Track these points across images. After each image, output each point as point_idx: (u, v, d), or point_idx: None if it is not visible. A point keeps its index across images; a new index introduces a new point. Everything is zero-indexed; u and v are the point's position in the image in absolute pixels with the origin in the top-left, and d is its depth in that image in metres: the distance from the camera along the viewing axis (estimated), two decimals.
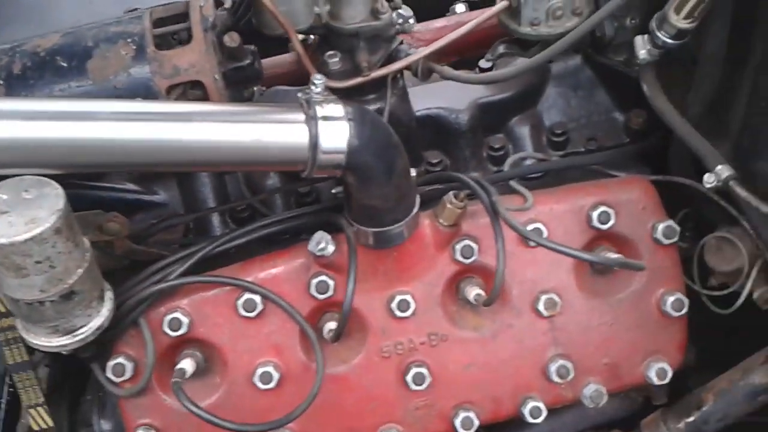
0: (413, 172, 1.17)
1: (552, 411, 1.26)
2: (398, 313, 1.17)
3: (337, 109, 0.99)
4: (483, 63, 1.43)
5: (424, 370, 1.19)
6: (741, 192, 1.06)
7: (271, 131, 0.94)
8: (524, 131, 1.39)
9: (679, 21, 1.03)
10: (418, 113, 1.32)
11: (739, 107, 1.14)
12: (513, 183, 1.24)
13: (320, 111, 0.97)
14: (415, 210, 1.13)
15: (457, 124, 1.34)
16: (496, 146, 1.36)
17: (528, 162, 1.37)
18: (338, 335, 1.12)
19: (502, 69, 1.31)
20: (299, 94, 1.00)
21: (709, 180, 1.08)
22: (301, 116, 0.97)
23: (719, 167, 1.08)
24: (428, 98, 1.35)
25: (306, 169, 0.98)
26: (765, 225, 1.11)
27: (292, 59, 1.41)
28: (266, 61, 1.34)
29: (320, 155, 0.97)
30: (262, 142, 0.93)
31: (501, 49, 1.36)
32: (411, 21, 1.42)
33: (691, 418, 1.30)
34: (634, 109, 1.38)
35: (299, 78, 1.23)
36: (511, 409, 1.25)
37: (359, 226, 1.11)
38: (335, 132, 0.97)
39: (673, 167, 1.30)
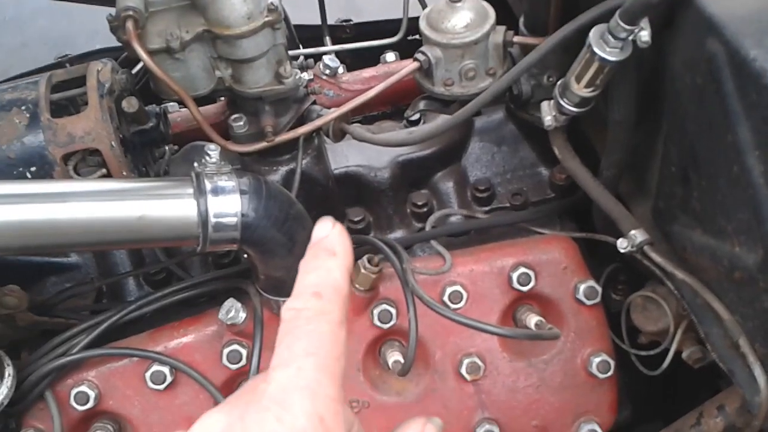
0: None
1: None
2: None
3: (229, 181, 0.90)
4: (409, 114, 1.35)
5: None
6: (655, 257, 0.99)
7: (157, 207, 0.86)
8: (448, 187, 1.31)
9: (581, 90, 0.96)
10: (336, 171, 1.25)
11: (654, 170, 1.07)
12: (434, 243, 1.15)
13: (210, 184, 0.89)
14: None
15: (377, 182, 1.26)
16: (420, 203, 1.28)
17: (453, 219, 1.28)
18: None
19: (414, 129, 1.23)
20: (195, 164, 0.91)
21: (622, 245, 1.01)
22: (190, 190, 0.88)
23: (633, 232, 1.01)
24: (348, 156, 1.27)
25: (199, 245, 0.89)
26: (685, 288, 1.03)
27: (218, 110, 1.32)
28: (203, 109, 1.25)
29: (211, 231, 0.88)
30: (147, 219, 0.84)
31: (421, 105, 1.29)
32: (333, 72, 1.35)
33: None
34: (558, 165, 1.30)
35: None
36: None
37: (269, 296, 1.02)
38: (226, 206, 0.89)
39: (597, 223, 1.22)
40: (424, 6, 1.62)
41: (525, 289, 1.12)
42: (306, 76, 1.06)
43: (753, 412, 0.92)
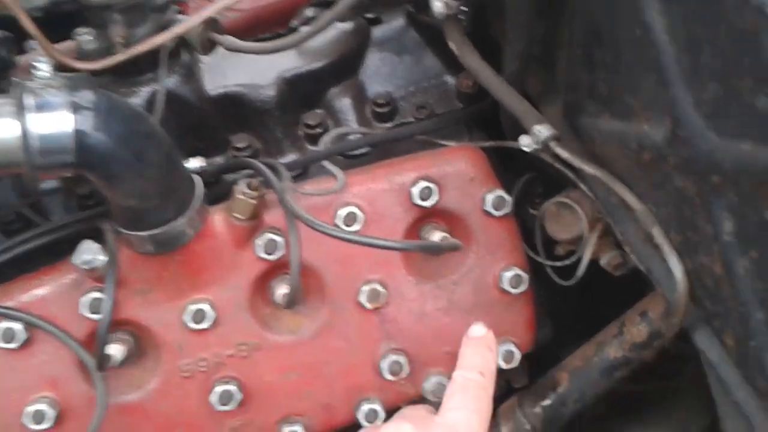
0: (200, 162, 0.95)
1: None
2: (193, 325, 0.95)
3: (58, 96, 0.75)
4: (295, 23, 1.20)
5: (231, 387, 0.97)
6: (562, 153, 0.88)
7: None
8: (344, 104, 1.18)
9: None
10: (213, 92, 1.10)
11: (561, 62, 0.97)
12: (325, 163, 1.02)
13: (34, 100, 0.74)
14: (196, 204, 0.90)
15: (262, 101, 1.12)
16: (313, 123, 1.14)
17: (351, 138, 1.15)
18: (102, 362, 0.88)
19: (293, 34, 1.08)
20: (13, 78, 0.76)
21: (525, 142, 0.89)
22: (10, 108, 0.73)
23: (537, 127, 0.89)
24: (227, 74, 1.12)
25: (25, 173, 0.74)
26: (597, 185, 0.93)
27: None
28: None
29: (37, 155, 0.73)
30: None
31: (309, 12, 1.14)
32: None
33: (548, 401, 1.12)
34: (463, 71, 1.17)
35: None
36: (346, 414, 1.05)
37: (128, 232, 0.88)
38: (55, 124, 0.75)
39: (505, 128, 1.11)
40: None
41: (428, 204, 1.00)
42: None
43: (671, 308, 0.83)
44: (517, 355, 1.07)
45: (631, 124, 0.78)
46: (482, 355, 0.80)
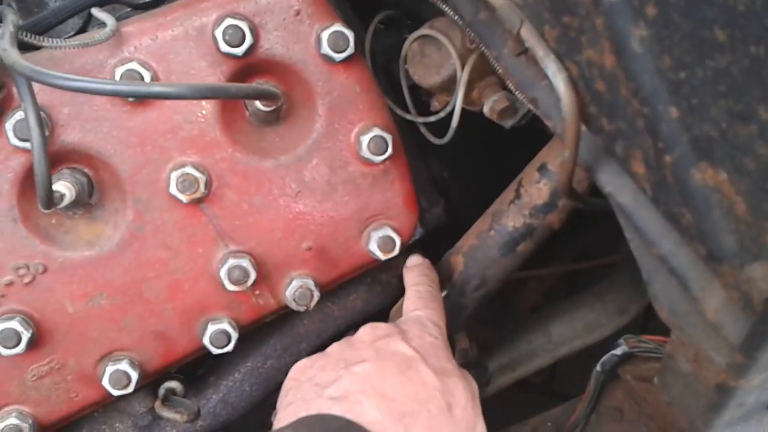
0: None
1: (275, 326, 0.89)
2: None
3: None
4: None
5: (16, 325, 0.72)
6: None
7: None
8: None
9: None
10: None
11: None
12: (94, 11, 0.74)
13: None
14: None
15: None
16: None
17: None
18: None
19: None
20: None
21: None
22: None
23: None
24: None
25: None
26: (462, 4, 0.67)
27: None
28: None
29: None
30: None
31: None
32: None
33: (443, 294, 0.90)
34: None
35: None
36: (189, 342, 0.81)
37: None
38: None
39: None
40: None
41: (240, 51, 0.73)
42: None
43: (562, 139, 0.59)
44: (397, 242, 0.83)
45: None
46: (425, 274, 0.84)
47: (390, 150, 0.79)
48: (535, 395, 1.65)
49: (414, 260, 0.88)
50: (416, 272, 0.85)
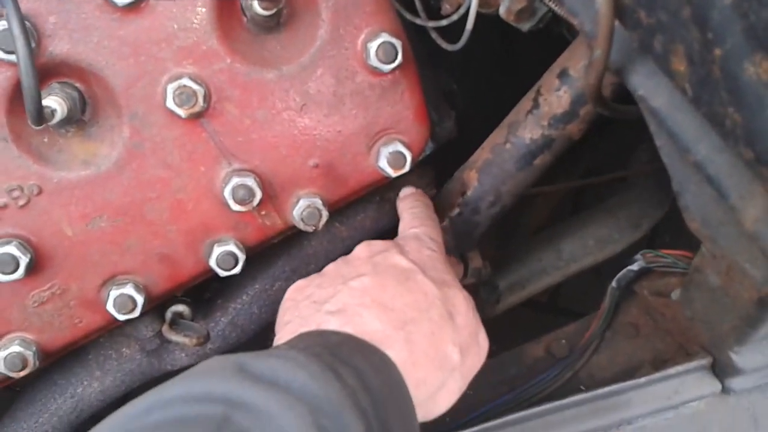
0: None
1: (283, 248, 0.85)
2: None
3: None
4: None
5: (13, 250, 0.68)
6: None
7: None
8: None
9: None
10: None
11: None
12: None
13: None
14: None
15: None
16: None
17: None
18: None
19: None
20: None
21: None
22: None
23: None
24: None
25: None
26: None
27: None
28: None
29: None
30: None
31: None
32: None
33: (456, 211, 0.86)
34: None
35: None
36: (195, 265, 0.78)
37: None
38: None
39: None
40: None
41: None
42: None
43: (592, 39, 0.53)
44: (408, 157, 0.78)
45: None
46: (419, 200, 0.81)
47: (400, 58, 0.73)
48: (542, 314, 1.63)
49: (406, 191, 0.86)
50: (410, 199, 0.84)
